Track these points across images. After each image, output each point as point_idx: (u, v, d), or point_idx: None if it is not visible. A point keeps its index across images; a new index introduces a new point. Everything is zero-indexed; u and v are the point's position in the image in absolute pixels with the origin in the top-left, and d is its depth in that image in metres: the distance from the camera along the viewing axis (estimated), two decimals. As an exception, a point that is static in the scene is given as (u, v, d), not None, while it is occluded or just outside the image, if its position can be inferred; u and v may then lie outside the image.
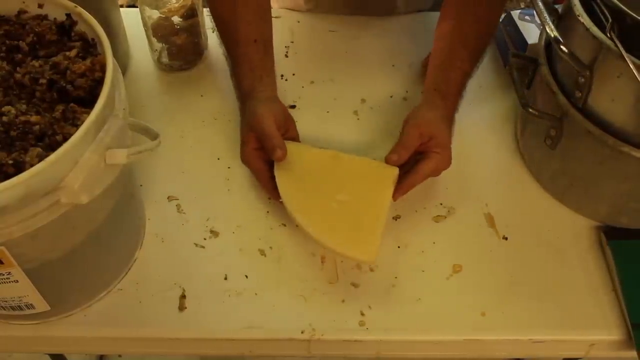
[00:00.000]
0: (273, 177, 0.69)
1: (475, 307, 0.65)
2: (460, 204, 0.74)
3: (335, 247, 0.65)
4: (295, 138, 0.75)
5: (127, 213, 0.65)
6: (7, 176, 0.46)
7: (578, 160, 0.69)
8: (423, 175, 0.70)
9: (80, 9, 0.58)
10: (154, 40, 0.84)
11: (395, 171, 0.69)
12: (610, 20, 0.57)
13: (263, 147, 0.70)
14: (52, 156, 0.46)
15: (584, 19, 0.60)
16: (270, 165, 0.70)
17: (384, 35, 0.93)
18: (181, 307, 0.64)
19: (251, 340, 0.64)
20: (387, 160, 0.69)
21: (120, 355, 1.28)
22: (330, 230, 0.65)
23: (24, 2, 0.60)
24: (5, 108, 0.51)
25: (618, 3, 0.57)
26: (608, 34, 0.57)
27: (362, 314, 0.64)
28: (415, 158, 0.71)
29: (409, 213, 0.73)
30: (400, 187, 0.69)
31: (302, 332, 0.63)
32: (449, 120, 0.74)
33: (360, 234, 0.65)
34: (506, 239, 0.71)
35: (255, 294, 0.66)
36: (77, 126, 0.50)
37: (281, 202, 0.68)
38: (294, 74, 0.87)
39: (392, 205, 0.72)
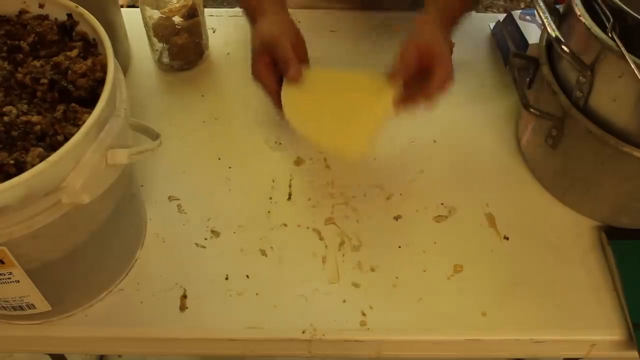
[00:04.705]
0: (279, 93, 0.73)
1: (476, 307, 0.65)
2: (461, 204, 0.74)
3: (326, 143, 0.71)
4: (304, 55, 0.77)
5: (128, 213, 0.65)
6: (9, 176, 0.46)
7: (579, 160, 0.69)
8: (433, 89, 0.69)
9: (81, 9, 0.58)
10: (154, 40, 0.84)
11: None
12: (611, 20, 0.57)
13: (276, 65, 0.72)
14: (54, 156, 0.46)
15: (585, 19, 0.60)
16: (279, 81, 0.73)
17: (384, 35, 0.93)
18: (182, 307, 0.64)
19: (252, 340, 0.64)
20: (390, 79, 0.70)
21: (120, 356, 1.28)
22: (326, 130, 0.70)
23: (25, 2, 0.60)
24: (7, 108, 0.51)
25: (619, 3, 0.57)
26: (609, 34, 0.57)
27: (363, 314, 0.64)
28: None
29: (409, 213, 0.73)
30: (406, 98, 0.70)
31: (303, 332, 0.63)
32: (445, 33, 0.74)
33: (353, 131, 0.69)
34: (507, 238, 0.71)
35: (256, 294, 0.66)
36: (78, 126, 0.50)
37: (284, 119, 0.72)
38: (294, 74, 0.87)
39: (392, 205, 0.72)
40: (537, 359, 1.07)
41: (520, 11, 0.89)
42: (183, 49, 0.85)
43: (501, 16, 0.92)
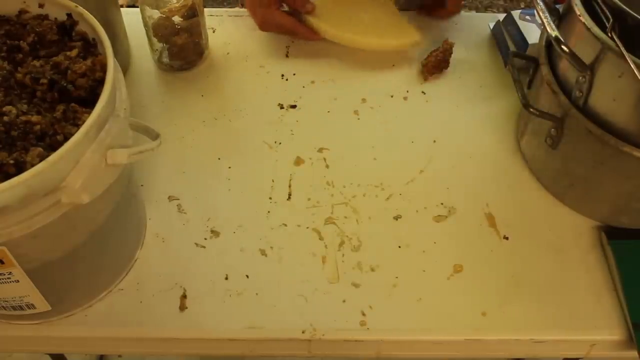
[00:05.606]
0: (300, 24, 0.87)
1: (475, 307, 0.65)
2: (461, 203, 0.74)
3: (390, 41, 0.87)
4: None
5: (128, 213, 0.65)
6: (8, 176, 0.46)
7: (579, 160, 0.69)
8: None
9: (81, 9, 0.58)
10: (154, 40, 0.84)
11: None
12: (611, 20, 0.57)
13: (287, 5, 0.87)
14: (53, 156, 0.46)
15: (585, 18, 0.60)
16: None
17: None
18: (182, 307, 0.64)
19: (252, 340, 0.64)
20: None
21: (120, 356, 1.28)
22: (376, 32, 0.87)
23: (24, 2, 0.60)
24: (6, 108, 0.51)
25: (619, 3, 0.57)
26: (609, 34, 0.57)
27: (363, 314, 0.64)
28: None
29: (409, 213, 0.73)
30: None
31: (302, 332, 0.63)
32: None
33: (397, 27, 0.88)
34: (507, 238, 0.71)
35: (256, 294, 0.66)
36: (78, 126, 0.50)
37: (323, 39, 0.88)
38: (294, 74, 0.87)
39: (392, 205, 0.72)
40: (537, 359, 1.07)
41: (520, 11, 0.88)
42: (183, 48, 0.85)
43: (501, 16, 0.92)
